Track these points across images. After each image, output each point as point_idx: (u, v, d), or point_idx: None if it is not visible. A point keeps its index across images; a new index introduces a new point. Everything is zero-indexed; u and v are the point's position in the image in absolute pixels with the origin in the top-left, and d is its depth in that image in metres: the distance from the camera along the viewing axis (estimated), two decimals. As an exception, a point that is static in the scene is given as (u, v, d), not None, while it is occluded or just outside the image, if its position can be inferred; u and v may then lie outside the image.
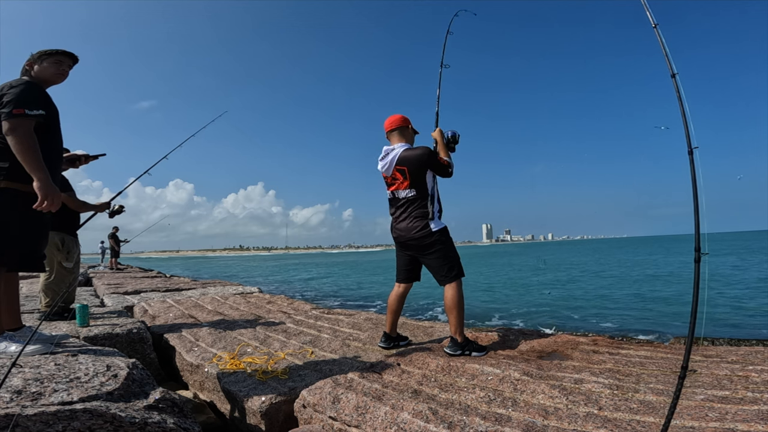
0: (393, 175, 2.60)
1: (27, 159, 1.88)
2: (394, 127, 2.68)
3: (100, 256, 18.08)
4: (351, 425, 1.71)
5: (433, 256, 2.54)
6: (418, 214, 2.55)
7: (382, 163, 2.64)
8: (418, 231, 2.53)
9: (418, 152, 2.54)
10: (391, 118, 2.70)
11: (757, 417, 1.39)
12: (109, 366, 1.77)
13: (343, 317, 3.95)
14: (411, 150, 2.57)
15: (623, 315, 9.52)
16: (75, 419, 1.29)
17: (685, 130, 1.37)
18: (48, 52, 2.18)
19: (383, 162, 2.64)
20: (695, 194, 1.31)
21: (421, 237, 2.53)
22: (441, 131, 2.75)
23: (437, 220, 2.58)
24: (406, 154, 2.54)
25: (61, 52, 2.21)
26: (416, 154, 2.53)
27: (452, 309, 2.46)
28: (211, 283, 7.99)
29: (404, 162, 2.53)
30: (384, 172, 2.66)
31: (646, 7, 1.54)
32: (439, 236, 2.53)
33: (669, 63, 1.44)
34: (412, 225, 2.56)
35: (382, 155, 2.66)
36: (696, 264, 1.32)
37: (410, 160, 2.53)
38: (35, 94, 1.98)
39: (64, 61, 2.23)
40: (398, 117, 2.70)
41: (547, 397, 1.74)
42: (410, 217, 2.57)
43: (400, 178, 2.57)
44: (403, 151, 2.56)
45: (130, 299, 5.29)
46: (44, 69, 2.15)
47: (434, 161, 2.55)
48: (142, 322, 3.34)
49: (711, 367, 1.99)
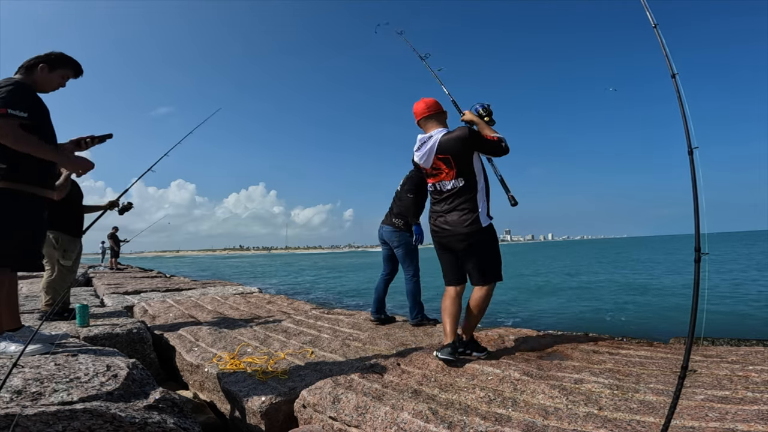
0: (434, 165, 2.32)
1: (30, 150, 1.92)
2: (430, 113, 2.38)
3: (101, 256, 18.09)
4: (351, 425, 1.71)
5: (478, 254, 2.31)
6: (467, 207, 2.28)
7: (420, 154, 2.36)
8: (468, 225, 2.26)
9: (459, 134, 2.25)
10: (425, 102, 2.40)
11: (757, 417, 1.39)
12: (109, 366, 1.77)
13: (343, 317, 3.96)
14: (449, 134, 2.27)
15: (623, 315, 9.53)
16: (75, 419, 1.29)
17: (685, 131, 1.37)
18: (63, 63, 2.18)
19: (420, 152, 2.35)
20: (695, 194, 1.31)
21: (469, 233, 2.27)
22: (470, 111, 2.47)
23: (486, 215, 2.31)
24: (445, 140, 2.26)
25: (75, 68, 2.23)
26: (457, 136, 2.24)
27: (475, 310, 2.32)
28: (211, 283, 8.00)
29: (446, 149, 2.25)
30: (422, 163, 2.37)
31: (646, 7, 1.54)
32: (488, 233, 2.31)
33: (669, 63, 1.44)
34: (461, 218, 2.28)
35: (417, 145, 2.39)
36: (696, 264, 1.32)
37: (452, 144, 2.24)
38: (21, 95, 1.95)
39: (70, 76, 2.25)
40: (433, 101, 2.40)
41: (547, 397, 1.74)
42: (458, 210, 2.29)
43: (444, 167, 2.29)
44: (441, 137, 2.27)
45: (130, 299, 5.30)
46: (48, 78, 2.14)
47: (480, 140, 2.26)
48: (142, 322, 3.35)
49: (711, 367, 1.99)
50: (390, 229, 3.56)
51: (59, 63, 2.17)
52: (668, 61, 1.45)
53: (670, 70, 1.44)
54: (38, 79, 2.11)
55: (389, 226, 3.57)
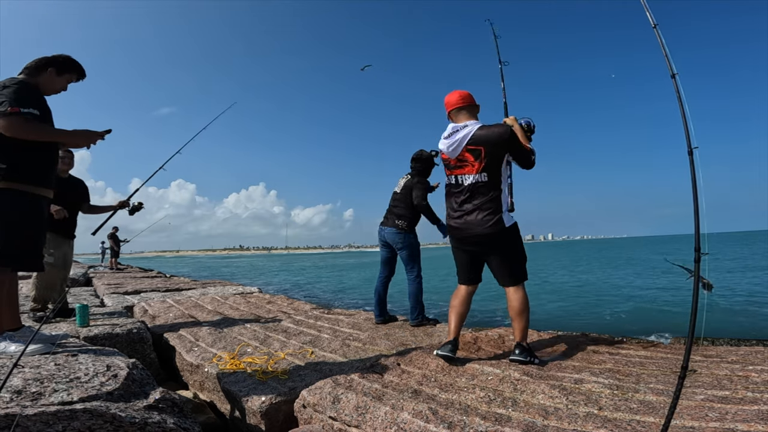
0: (461, 156, 2.25)
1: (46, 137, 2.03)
2: (464, 104, 2.31)
3: (101, 256, 18.11)
4: (351, 425, 1.71)
5: (503, 255, 2.27)
6: (490, 205, 2.22)
7: (449, 142, 2.27)
8: (490, 226, 2.20)
9: (499, 130, 2.19)
10: (459, 94, 2.34)
11: (757, 417, 1.39)
12: (109, 366, 1.77)
13: (343, 317, 3.96)
14: (488, 127, 2.21)
15: (623, 315, 9.53)
16: (75, 419, 1.29)
17: (685, 131, 1.37)
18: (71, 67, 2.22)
19: (450, 140, 2.26)
20: (695, 194, 1.32)
21: (492, 233, 2.21)
22: (515, 118, 2.43)
23: (509, 214, 2.27)
24: (483, 132, 2.19)
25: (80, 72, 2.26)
26: (496, 132, 2.18)
27: (522, 313, 2.27)
28: (211, 283, 8.00)
29: (480, 141, 2.18)
30: (448, 153, 2.29)
31: (646, 7, 1.55)
32: (512, 232, 2.27)
33: (669, 63, 1.45)
34: (483, 218, 2.22)
35: (448, 132, 2.30)
36: (696, 264, 1.32)
37: (489, 138, 2.18)
38: (28, 94, 2.00)
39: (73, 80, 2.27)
40: (467, 93, 2.35)
41: (547, 397, 1.74)
42: (480, 209, 2.23)
43: (471, 159, 2.22)
44: (478, 129, 2.21)
45: (130, 299, 5.30)
46: (54, 82, 2.17)
47: (516, 143, 2.21)
48: (142, 322, 3.35)
49: (711, 367, 1.99)
50: (393, 231, 3.51)
51: (67, 67, 2.21)
52: (668, 61, 1.45)
53: (670, 70, 1.44)
54: (44, 82, 2.14)
55: (392, 227, 3.52)
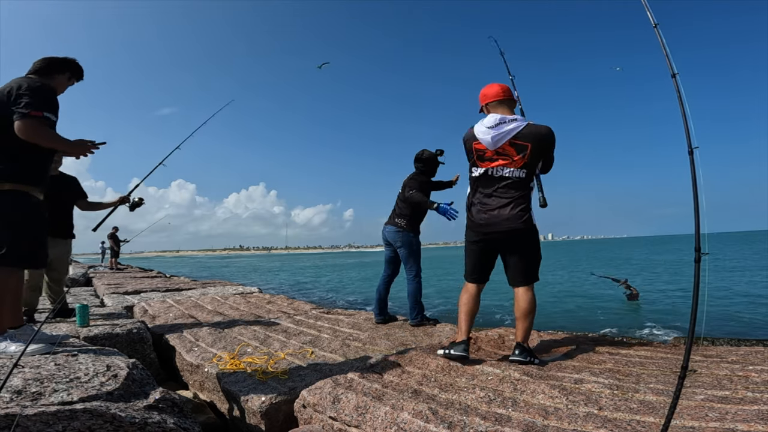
0: (502, 148, 2.19)
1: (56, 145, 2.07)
2: (505, 97, 2.28)
3: (101, 256, 18.11)
4: (351, 425, 1.71)
5: (525, 252, 2.26)
6: (523, 201, 2.21)
7: (494, 132, 2.17)
8: (523, 221, 2.19)
9: (548, 131, 2.19)
10: (500, 86, 2.30)
11: (757, 417, 1.39)
12: (109, 366, 1.77)
13: (343, 317, 3.96)
14: (538, 126, 2.19)
15: (623, 315, 9.52)
16: (75, 419, 1.29)
17: (686, 130, 1.37)
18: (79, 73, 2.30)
19: (495, 131, 2.17)
20: (695, 194, 1.32)
21: (523, 228, 2.19)
22: None
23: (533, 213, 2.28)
24: (533, 129, 2.16)
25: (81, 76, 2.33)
26: (547, 132, 2.18)
27: (529, 314, 2.25)
28: (210, 283, 8.00)
29: (529, 137, 2.15)
30: (489, 143, 2.20)
31: (647, 7, 1.55)
32: (536, 232, 2.28)
33: (669, 63, 1.45)
34: (516, 213, 2.19)
35: (492, 122, 2.18)
36: (696, 264, 1.32)
37: (539, 137, 2.16)
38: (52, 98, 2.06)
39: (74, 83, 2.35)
40: (507, 87, 2.31)
41: (547, 397, 1.74)
42: (514, 203, 2.20)
43: (513, 153, 2.17)
44: (528, 124, 2.17)
45: (130, 299, 5.30)
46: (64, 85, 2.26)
47: (552, 148, 2.24)
48: (142, 322, 3.35)
49: (711, 367, 1.99)
50: (393, 230, 3.58)
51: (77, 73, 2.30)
52: (668, 61, 1.45)
53: (670, 70, 1.44)
54: (58, 85, 2.21)
55: (392, 226, 3.60)
